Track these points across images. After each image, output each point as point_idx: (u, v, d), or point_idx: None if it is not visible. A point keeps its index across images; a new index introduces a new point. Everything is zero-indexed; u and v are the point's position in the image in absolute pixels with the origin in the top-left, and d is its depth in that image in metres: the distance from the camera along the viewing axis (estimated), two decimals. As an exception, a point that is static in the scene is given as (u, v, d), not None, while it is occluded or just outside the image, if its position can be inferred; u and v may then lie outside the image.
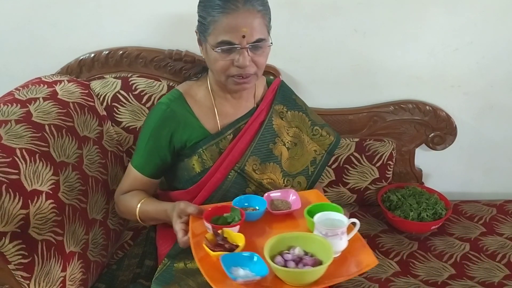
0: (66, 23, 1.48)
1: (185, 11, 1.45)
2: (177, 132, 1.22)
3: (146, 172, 1.25)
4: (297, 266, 0.95)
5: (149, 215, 1.21)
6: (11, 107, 1.20)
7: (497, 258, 1.44)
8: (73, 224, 1.18)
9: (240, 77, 1.15)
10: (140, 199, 1.22)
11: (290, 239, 1.02)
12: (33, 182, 1.07)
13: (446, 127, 1.69)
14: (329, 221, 1.03)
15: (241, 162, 1.24)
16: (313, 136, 1.37)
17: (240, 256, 0.97)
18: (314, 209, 1.10)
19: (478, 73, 1.64)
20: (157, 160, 1.24)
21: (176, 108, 1.22)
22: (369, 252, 1.03)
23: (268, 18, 1.16)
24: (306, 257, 0.98)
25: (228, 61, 1.13)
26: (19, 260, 0.98)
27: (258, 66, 1.16)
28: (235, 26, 1.09)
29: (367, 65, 1.62)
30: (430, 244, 1.50)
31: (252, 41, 1.11)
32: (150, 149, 1.23)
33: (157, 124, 1.21)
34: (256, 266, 0.95)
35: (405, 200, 1.58)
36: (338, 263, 0.99)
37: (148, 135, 1.22)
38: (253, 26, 1.10)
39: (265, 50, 1.16)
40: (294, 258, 0.97)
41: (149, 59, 1.52)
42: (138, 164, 1.25)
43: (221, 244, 1.00)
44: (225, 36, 1.09)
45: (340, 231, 1.00)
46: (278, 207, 1.18)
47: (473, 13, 1.54)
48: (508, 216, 1.64)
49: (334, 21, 1.54)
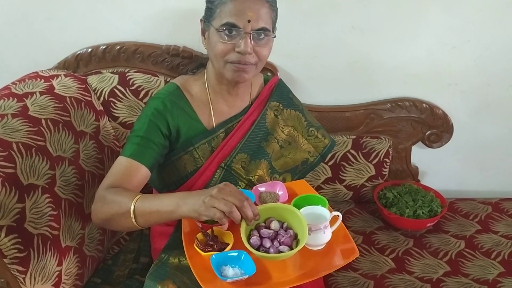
0: (63, 17, 1.48)
1: (183, 6, 1.47)
2: (175, 119, 1.19)
3: (144, 160, 1.12)
4: (272, 244, 1.00)
5: (149, 207, 1.00)
6: (8, 101, 1.20)
7: (492, 255, 1.44)
8: (69, 218, 1.18)
9: (239, 64, 1.13)
10: (135, 195, 1.02)
11: (267, 210, 1.05)
12: (29, 176, 1.07)
13: (442, 125, 1.70)
14: (312, 216, 1.06)
15: (228, 159, 1.24)
16: (308, 137, 1.37)
17: (229, 255, 1.00)
18: (299, 201, 1.14)
19: (475, 71, 1.65)
20: (156, 146, 1.16)
21: (174, 98, 1.21)
22: (351, 243, 1.07)
23: (275, 13, 1.17)
24: (282, 231, 1.02)
25: (229, 45, 1.12)
26: (15, 254, 0.98)
27: (260, 57, 1.15)
28: (242, 9, 1.09)
29: (365, 63, 1.62)
30: (425, 242, 1.51)
31: (257, 28, 1.10)
32: (149, 136, 1.15)
33: (155, 113, 1.17)
34: (244, 263, 0.98)
35: (401, 197, 1.59)
36: (322, 255, 1.04)
37: (147, 122, 1.16)
38: (260, 13, 1.10)
39: (268, 42, 1.15)
40: (270, 235, 1.01)
41: (146, 55, 1.51)
42: (134, 152, 1.12)
43: (211, 244, 1.02)
44: (231, 18, 1.09)
45: (323, 226, 1.03)
46: (266, 200, 1.19)
47: (471, 11, 1.54)
48: (503, 214, 1.65)
49: (332, 18, 1.53)
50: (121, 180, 1.09)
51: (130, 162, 1.12)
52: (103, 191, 1.07)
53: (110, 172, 1.12)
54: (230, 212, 0.93)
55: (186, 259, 1.10)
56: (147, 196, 1.02)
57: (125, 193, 1.04)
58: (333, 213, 1.07)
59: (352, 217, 1.63)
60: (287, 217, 1.05)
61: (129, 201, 1.00)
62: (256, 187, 1.22)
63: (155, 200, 1.01)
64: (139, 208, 1.00)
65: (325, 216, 1.06)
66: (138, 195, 1.01)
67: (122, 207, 1.01)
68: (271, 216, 1.06)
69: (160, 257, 1.15)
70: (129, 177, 1.10)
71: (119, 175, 1.10)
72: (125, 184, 1.09)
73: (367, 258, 1.42)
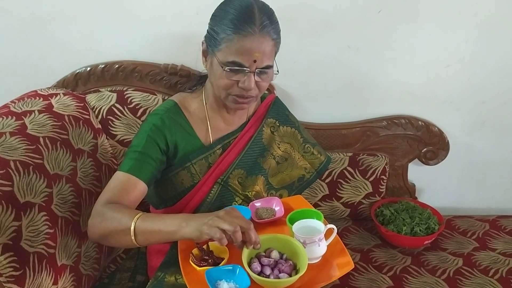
0: (63, 37, 1.50)
1: (181, 27, 1.49)
2: (173, 135, 1.20)
3: (141, 175, 1.12)
4: (272, 272, 1.00)
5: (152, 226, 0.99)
6: (6, 120, 1.20)
7: (490, 273, 1.44)
8: (65, 236, 1.17)
9: (241, 97, 1.15)
10: (136, 212, 1.01)
11: (267, 241, 1.06)
12: (26, 194, 1.07)
13: (438, 142, 1.71)
14: (307, 229, 1.07)
15: (224, 175, 1.25)
16: (304, 153, 1.38)
17: (223, 270, 0.99)
18: (295, 216, 1.15)
19: (470, 90, 1.67)
20: (153, 162, 1.15)
21: (172, 115, 1.22)
22: (346, 255, 1.08)
23: (279, 45, 1.17)
24: (282, 261, 1.02)
25: (233, 81, 1.13)
26: (11, 272, 0.97)
27: (260, 89, 1.17)
28: (249, 49, 1.08)
29: (360, 81, 1.64)
30: (423, 259, 1.50)
31: (261, 67, 1.11)
32: (146, 151, 1.15)
33: (153, 128, 1.18)
34: (239, 277, 0.98)
35: (398, 214, 1.59)
36: (318, 268, 1.04)
37: (145, 138, 1.16)
38: (265, 52, 1.10)
39: (270, 76, 1.17)
40: (270, 263, 1.02)
41: (144, 73, 1.53)
42: (131, 167, 1.12)
43: (206, 259, 1.03)
44: (237, 57, 1.09)
45: (317, 238, 1.04)
46: (262, 216, 1.20)
47: (464, 30, 1.57)
48: (501, 232, 1.65)
49: (327, 37, 1.56)
50: (119, 195, 1.09)
51: (128, 177, 1.11)
52: (101, 207, 1.06)
53: (108, 187, 1.11)
54: (235, 231, 0.93)
55: (181, 278, 1.10)
56: (148, 215, 1.01)
57: (125, 210, 1.03)
58: (328, 226, 1.08)
59: (349, 235, 1.63)
60: (286, 248, 1.06)
61: (130, 219, 0.99)
62: (253, 203, 1.23)
63: (157, 219, 1.00)
64: (140, 226, 0.99)
65: (319, 229, 1.07)
66: (139, 214, 1.01)
67: (122, 224, 1.00)
68: (271, 247, 1.07)
69: (156, 275, 1.14)
70: (126, 192, 1.10)
71: (117, 190, 1.09)
72: (123, 200, 1.08)
73: (364, 276, 1.42)
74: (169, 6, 1.48)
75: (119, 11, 1.48)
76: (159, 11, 1.48)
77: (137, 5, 1.47)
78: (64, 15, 1.47)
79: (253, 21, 1.08)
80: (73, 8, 1.46)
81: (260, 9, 1.11)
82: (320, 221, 1.12)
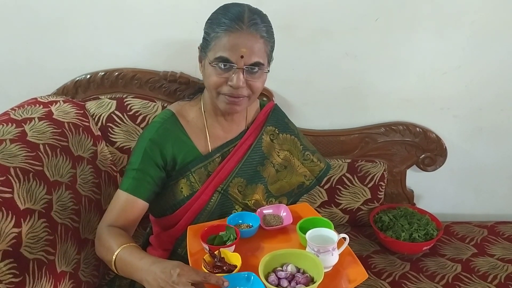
0: (62, 45, 1.51)
1: (180, 34, 1.51)
2: (170, 149, 1.21)
3: (139, 194, 1.16)
4: (290, 284, 0.98)
5: (125, 267, 1.03)
6: (6, 127, 1.21)
7: (488, 279, 1.44)
8: (65, 243, 1.17)
9: (231, 97, 1.16)
10: (122, 243, 1.05)
11: (283, 256, 1.05)
12: (26, 201, 1.08)
13: (436, 149, 1.72)
14: (320, 238, 1.07)
15: (224, 183, 1.25)
16: (304, 160, 1.39)
17: (238, 277, 0.99)
18: (305, 224, 1.14)
19: (467, 96, 1.68)
20: (151, 179, 1.19)
21: (169, 126, 1.22)
22: (359, 266, 1.07)
23: (271, 46, 1.17)
24: (299, 274, 1.01)
25: (222, 79, 1.14)
26: (10, 279, 0.98)
27: (253, 90, 1.16)
28: (235, 45, 1.10)
29: (359, 88, 1.65)
30: (422, 265, 1.51)
31: (249, 63, 1.12)
32: (144, 169, 1.18)
33: (150, 143, 1.19)
34: (254, 285, 0.98)
35: (396, 220, 1.60)
36: (330, 278, 1.03)
37: (142, 155, 1.18)
38: (253, 49, 1.11)
39: (262, 75, 1.17)
40: (287, 276, 1.00)
41: (144, 80, 1.54)
42: (130, 186, 1.16)
43: (219, 266, 1.02)
44: (224, 52, 1.11)
45: (331, 247, 1.04)
46: (271, 223, 1.20)
47: (461, 38, 1.59)
48: (499, 237, 1.66)
49: (325, 45, 1.58)
50: (119, 216, 1.15)
51: (127, 196, 1.16)
52: (101, 229, 1.13)
53: (110, 206, 1.17)
54: None
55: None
56: (133, 248, 1.05)
57: (117, 237, 1.08)
58: (340, 235, 1.07)
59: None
60: (302, 261, 1.04)
61: (116, 246, 1.05)
62: (261, 210, 1.24)
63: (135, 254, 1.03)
64: (121, 255, 1.04)
65: (333, 238, 1.06)
66: (126, 244, 1.05)
67: (109, 249, 1.06)
68: (287, 262, 1.05)
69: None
70: (125, 212, 1.15)
71: (116, 211, 1.16)
72: (122, 220, 1.15)
73: (364, 282, 1.39)
74: (168, 15, 1.49)
75: (119, 20, 1.49)
76: (159, 20, 1.50)
77: (137, 13, 1.49)
78: (64, 23, 1.49)
79: (241, 19, 1.10)
80: (73, 16, 1.48)
81: (251, 10, 1.14)
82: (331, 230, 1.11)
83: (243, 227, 1.18)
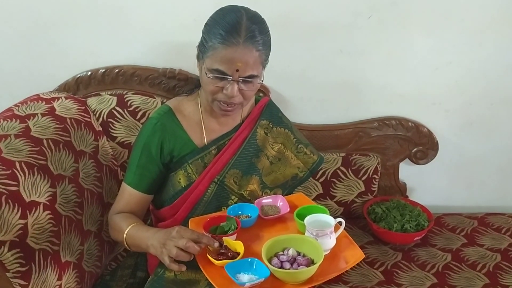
0: (64, 42, 1.55)
1: (179, 33, 1.54)
2: (167, 144, 1.27)
3: (141, 188, 1.27)
4: (292, 266, 1.06)
5: (134, 241, 1.18)
6: (11, 122, 1.25)
7: (477, 267, 1.49)
8: (69, 234, 1.22)
9: (225, 105, 1.20)
10: (130, 223, 1.20)
11: (284, 241, 1.12)
12: (31, 194, 1.12)
13: (428, 143, 1.76)
14: (318, 223, 1.14)
15: (220, 174, 1.29)
16: (297, 153, 1.43)
17: (242, 263, 1.06)
18: (302, 211, 1.22)
19: (458, 91, 1.72)
20: (151, 174, 1.27)
21: (165, 121, 1.27)
22: (356, 247, 1.15)
23: (266, 56, 1.20)
24: (300, 257, 1.08)
25: (218, 88, 1.18)
26: (17, 268, 1.02)
27: (245, 97, 1.21)
28: (231, 59, 1.12)
29: (352, 84, 1.69)
30: (413, 255, 1.55)
31: (244, 76, 1.16)
32: (143, 164, 1.26)
33: (148, 139, 1.25)
34: (257, 269, 1.04)
35: (389, 212, 1.64)
36: (330, 260, 1.10)
37: (140, 151, 1.26)
38: (248, 63, 1.14)
39: (255, 85, 1.20)
40: (289, 259, 1.08)
41: (143, 77, 1.58)
42: (132, 181, 1.26)
43: (223, 253, 1.08)
44: (220, 65, 1.14)
45: (329, 231, 1.11)
46: (269, 213, 1.27)
47: (452, 34, 1.63)
48: (489, 228, 1.70)
49: (320, 42, 1.61)
50: (124, 206, 1.28)
51: (130, 190, 1.28)
52: (111, 217, 1.28)
53: (118, 197, 1.31)
54: (186, 246, 1.04)
55: (181, 273, 1.15)
56: (140, 225, 1.21)
57: (126, 219, 1.23)
58: (337, 220, 1.15)
59: (342, 232, 1.68)
60: (302, 245, 1.12)
61: (126, 226, 1.20)
62: (259, 200, 1.31)
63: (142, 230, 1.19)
64: (130, 232, 1.19)
65: (330, 222, 1.14)
66: (135, 223, 1.20)
67: (120, 230, 1.21)
68: (288, 246, 1.12)
69: (156, 272, 1.19)
70: (130, 204, 1.28)
71: (122, 203, 1.29)
72: (128, 210, 1.28)
73: (357, 271, 1.47)
74: (168, 13, 1.53)
75: (119, 18, 1.53)
76: (158, 18, 1.53)
77: (137, 12, 1.52)
78: (65, 22, 1.52)
79: (238, 32, 1.12)
80: (74, 14, 1.51)
81: (249, 20, 1.14)
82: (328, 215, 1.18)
83: (243, 218, 1.24)
